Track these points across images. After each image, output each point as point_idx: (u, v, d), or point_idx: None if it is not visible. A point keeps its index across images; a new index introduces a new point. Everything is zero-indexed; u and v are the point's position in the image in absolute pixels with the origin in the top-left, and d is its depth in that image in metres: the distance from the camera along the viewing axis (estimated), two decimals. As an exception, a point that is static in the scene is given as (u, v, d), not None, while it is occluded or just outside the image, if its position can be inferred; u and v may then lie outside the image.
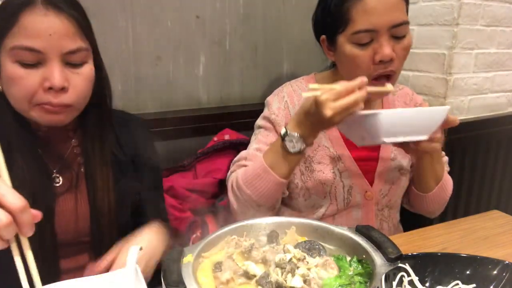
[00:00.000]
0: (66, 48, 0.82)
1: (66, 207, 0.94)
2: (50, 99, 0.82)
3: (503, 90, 1.86)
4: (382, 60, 1.03)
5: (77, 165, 0.97)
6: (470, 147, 1.73)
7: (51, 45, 0.80)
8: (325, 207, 1.19)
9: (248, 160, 1.15)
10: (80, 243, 0.96)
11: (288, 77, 1.53)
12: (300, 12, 1.79)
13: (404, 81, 1.80)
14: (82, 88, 0.87)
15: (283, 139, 1.00)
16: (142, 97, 1.59)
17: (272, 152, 1.05)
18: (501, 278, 0.73)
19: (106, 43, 1.47)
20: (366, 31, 1.03)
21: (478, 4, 1.63)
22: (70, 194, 0.95)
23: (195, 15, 1.61)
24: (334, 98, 0.90)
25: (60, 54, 0.82)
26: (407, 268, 0.70)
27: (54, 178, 0.94)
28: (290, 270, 0.68)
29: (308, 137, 1.00)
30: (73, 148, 0.98)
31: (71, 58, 0.83)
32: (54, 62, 0.81)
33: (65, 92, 0.83)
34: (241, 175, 1.08)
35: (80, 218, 0.95)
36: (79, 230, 0.95)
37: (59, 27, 0.81)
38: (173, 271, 0.65)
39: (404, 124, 0.92)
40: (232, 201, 1.12)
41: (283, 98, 1.21)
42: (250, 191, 1.05)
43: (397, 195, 1.25)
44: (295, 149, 0.99)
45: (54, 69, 0.81)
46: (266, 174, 1.03)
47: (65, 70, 0.83)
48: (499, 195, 1.95)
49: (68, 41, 0.82)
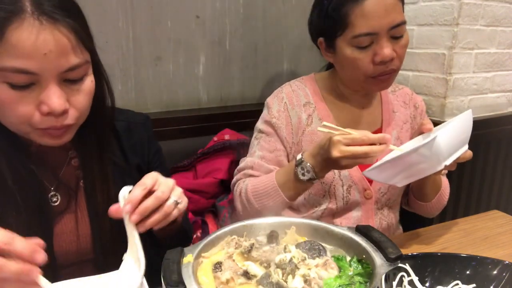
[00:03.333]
0: (64, 66, 0.70)
1: (66, 228, 0.86)
2: (52, 123, 0.73)
3: (503, 90, 1.86)
4: (383, 60, 1.05)
5: (75, 179, 0.88)
6: (470, 147, 1.72)
7: (46, 65, 0.68)
8: (324, 206, 1.19)
9: (255, 170, 1.16)
10: (82, 262, 0.89)
11: (288, 77, 1.53)
12: (300, 12, 1.79)
13: (404, 81, 1.80)
14: (84, 104, 0.77)
15: (297, 165, 1.01)
16: (142, 97, 1.59)
17: (285, 173, 1.07)
18: (501, 278, 0.73)
19: (107, 43, 1.47)
20: (366, 34, 1.04)
21: (478, 4, 1.63)
22: (70, 213, 0.87)
23: (195, 15, 1.62)
24: (347, 142, 0.91)
25: (57, 74, 0.70)
26: (407, 268, 0.70)
27: (51, 197, 0.85)
28: (290, 271, 0.68)
29: (319, 171, 1.00)
30: (71, 160, 0.89)
31: (70, 75, 0.72)
32: (51, 84, 0.70)
33: (67, 113, 0.74)
34: (251, 188, 1.10)
35: (82, 237, 0.88)
36: (81, 251, 0.88)
37: (55, 43, 0.68)
38: (173, 271, 0.65)
39: (455, 139, 0.89)
40: (239, 208, 1.14)
41: (282, 100, 1.20)
42: (258, 206, 1.09)
43: (397, 194, 1.26)
44: (305, 177, 1.01)
45: (52, 92, 0.70)
46: (275, 193, 1.06)
47: (63, 89, 0.72)
48: (499, 195, 1.95)
49: (66, 59, 0.70)
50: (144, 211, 0.70)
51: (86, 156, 0.88)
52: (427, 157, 0.84)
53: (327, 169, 1.00)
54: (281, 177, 1.07)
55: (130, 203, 0.69)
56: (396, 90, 1.31)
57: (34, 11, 0.67)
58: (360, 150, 0.90)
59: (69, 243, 0.87)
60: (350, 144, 0.91)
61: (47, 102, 0.70)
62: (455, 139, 0.89)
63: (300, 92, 1.22)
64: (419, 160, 0.86)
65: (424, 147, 0.82)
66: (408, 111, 1.28)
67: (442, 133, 0.84)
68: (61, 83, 0.72)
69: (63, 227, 0.86)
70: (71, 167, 0.89)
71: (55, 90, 0.70)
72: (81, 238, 0.88)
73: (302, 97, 1.21)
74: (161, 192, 0.72)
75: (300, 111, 1.18)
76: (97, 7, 1.43)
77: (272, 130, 1.19)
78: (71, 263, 0.88)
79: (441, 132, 0.85)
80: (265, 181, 1.09)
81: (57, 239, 0.85)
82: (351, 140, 0.91)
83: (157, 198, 0.72)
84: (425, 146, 0.82)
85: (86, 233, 0.88)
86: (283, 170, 1.08)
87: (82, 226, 0.88)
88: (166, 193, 0.73)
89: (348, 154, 0.90)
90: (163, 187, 0.73)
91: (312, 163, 1.00)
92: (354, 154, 0.90)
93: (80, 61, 0.73)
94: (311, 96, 1.21)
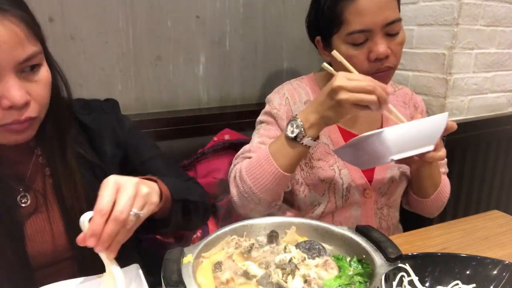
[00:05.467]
0: (20, 57, 0.70)
1: (39, 228, 0.84)
2: (15, 117, 0.71)
3: (503, 90, 1.86)
4: (378, 57, 1.05)
5: (43, 177, 0.86)
6: (470, 147, 1.72)
7: (1, 57, 0.67)
8: (324, 205, 1.20)
9: (252, 152, 1.13)
10: (60, 261, 0.87)
11: (288, 77, 1.53)
12: (300, 12, 1.78)
13: (404, 81, 1.80)
14: (44, 95, 0.76)
15: (287, 124, 1.00)
16: (142, 97, 1.59)
17: (277, 139, 1.04)
18: (501, 278, 0.73)
19: (107, 43, 1.47)
20: (360, 31, 1.05)
21: (478, 4, 1.63)
22: (41, 212, 0.85)
23: (195, 15, 1.61)
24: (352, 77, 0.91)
25: (13, 66, 0.69)
26: (407, 268, 0.70)
27: (20, 198, 0.83)
28: (290, 272, 0.68)
29: (310, 126, 0.98)
30: (38, 157, 0.87)
31: (26, 65, 0.72)
32: (9, 77, 0.69)
33: (28, 106, 0.73)
34: (245, 166, 1.06)
35: (57, 236, 0.86)
36: (57, 249, 0.86)
37: (8, 34, 0.67)
38: (173, 271, 0.65)
39: (410, 137, 0.90)
40: (234, 193, 1.09)
41: (284, 95, 1.21)
42: (251, 182, 1.04)
43: (397, 193, 1.26)
44: (293, 134, 0.98)
45: (11, 85, 0.69)
46: (267, 163, 1.02)
47: (22, 82, 0.71)
48: (499, 195, 1.95)
49: (20, 49, 0.69)
50: (108, 240, 0.67)
51: (49, 152, 0.85)
52: (375, 147, 0.89)
53: (319, 125, 0.98)
54: (273, 145, 1.04)
55: (93, 236, 0.66)
56: (396, 90, 1.31)
57: None
58: (363, 83, 0.89)
59: (44, 244, 0.85)
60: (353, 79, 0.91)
61: (8, 95, 0.69)
62: (412, 137, 0.90)
63: (301, 90, 1.22)
64: (368, 148, 0.90)
65: (372, 137, 0.87)
66: (408, 111, 1.28)
67: (394, 129, 0.88)
68: (19, 75, 0.71)
69: (35, 228, 0.84)
70: (38, 166, 0.87)
71: (14, 82, 0.70)
72: (56, 237, 0.86)
73: (303, 95, 1.21)
74: (119, 212, 0.67)
75: (302, 107, 1.18)
76: (97, 7, 1.43)
77: (273, 120, 1.19)
78: (48, 263, 0.86)
79: (394, 128, 0.88)
80: (258, 155, 1.06)
81: (30, 241, 0.83)
82: (355, 75, 0.93)
83: (116, 221, 0.67)
84: (373, 136, 0.87)
85: (61, 231, 0.86)
86: (276, 138, 1.06)
87: (55, 224, 0.86)
88: (125, 210, 0.68)
89: (349, 85, 0.89)
90: (122, 201, 0.68)
91: (303, 117, 0.98)
92: (355, 87, 0.89)
93: (35, 50, 0.72)
94: (311, 95, 1.21)
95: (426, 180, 1.18)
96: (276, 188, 1.05)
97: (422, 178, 1.17)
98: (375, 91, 0.89)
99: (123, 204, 0.68)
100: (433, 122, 0.92)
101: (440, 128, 0.92)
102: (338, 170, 1.18)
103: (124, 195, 0.69)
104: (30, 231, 0.83)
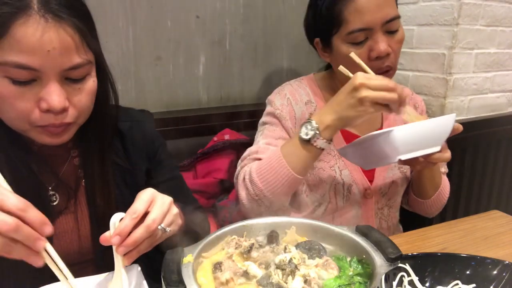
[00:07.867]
0: (67, 64, 0.71)
1: (67, 227, 0.85)
2: (51, 121, 0.72)
3: (503, 90, 1.86)
4: (379, 56, 1.05)
5: (76, 178, 0.88)
6: (470, 147, 1.72)
7: (49, 62, 0.68)
8: (324, 205, 1.20)
9: (260, 153, 1.11)
10: (81, 262, 0.88)
11: (287, 77, 1.53)
12: (300, 12, 1.77)
13: (404, 81, 1.80)
14: (84, 103, 0.77)
15: (301, 126, 0.99)
16: (142, 97, 1.59)
17: (290, 141, 1.03)
18: (501, 278, 0.73)
19: (107, 43, 1.47)
20: (360, 30, 1.05)
21: (478, 4, 1.63)
22: (70, 212, 0.86)
23: (195, 15, 1.61)
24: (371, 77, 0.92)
25: (59, 71, 0.70)
26: (407, 268, 0.70)
27: (50, 196, 0.84)
28: (290, 272, 0.68)
29: (326, 128, 0.96)
30: (73, 159, 0.88)
31: (72, 74, 0.72)
32: (52, 81, 0.70)
33: (66, 111, 0.74)
34: (256, 168, 1.04)
35: (83, 238, 0.87)
36: (82, 251, 0.87)
37: (59, 41, 0.68)
38: (173, 271, 0.65)
39: (418, 137, 0.89)
40: (243, 196, 1.06)
41: (285, 96, 1.21)
42: (262, 185, 1.01)
43: (397, 194, 1.26)
44: (307, 136, 0.97)
45: (52, 89, 0.70)
46: (279, 166, 1.00)
47: (64, 87, 0.72)
48: (499, 195, 1.95)
49: (69, 57, 0.70)
50: (133, 244, 0.67)
51: (87, 156, 0.87)
52: (382, 147, 0.88)
53: (335, 127, 0.97)
54: (286, 147, 1.02)
55: (119, 235, 0.66)
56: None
57: (40, 8, 0.67)
58: (384, 81, 0.90)
59: (70, 243, 0.86)
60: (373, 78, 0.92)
61: (47, 99, 0.70)
62: (420, 137, 0.90)
63: (301, 90, 1.22)
64: (375, 148, 0.89)
65: (380, 136, 0.86)
66: (408, 111, 1.28)
67: (402, 128, 0.87)
68: (62, 81, 0.72)
69: (63, 227, 0.85)
70: (72, 166, 0.88)
71: (56, 87, 0.71)
72: (82, 238, 0.87)
73: (304, 95, 1.21)
74: (152, 221, 0.68)
75: (303, 107, 1.19)
76: (97, 7, 1.42)
77: (277, 120, 1.18)
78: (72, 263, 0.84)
79: (402, 127, 0.87)
80: (269, 156, 1.04)
81: (57, 239, 0.83)
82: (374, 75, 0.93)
83: (147, 229, 0.68)
84: (380, 135, 0.85)
85: (87, 233, 0.88)
86: (289, 140, 1.05)
87: (83, 226, 0.87)
88: (157, 221, 0.69)
89: (371, 83, 0.89)
90: (156, 212, 0.70)
91: (317, 119, 0.97)
92: (377, 85, 0.89)
93: (82, 61, 0.73)
94: (311, 96, 1.21)
95: (427, 181, 1.18)
96: (288, 191, 1.04)
97: (423, 179, 1.18)
98: (397, 89, 0.89)
99: (155, 216, 0.69)
100: (441, 122, 0.91)
101: (448, 129, 0.92)
102: (339, 170, 1.18)
103: (159, 208, 0.71)
104: (57, 229, 0.84)
